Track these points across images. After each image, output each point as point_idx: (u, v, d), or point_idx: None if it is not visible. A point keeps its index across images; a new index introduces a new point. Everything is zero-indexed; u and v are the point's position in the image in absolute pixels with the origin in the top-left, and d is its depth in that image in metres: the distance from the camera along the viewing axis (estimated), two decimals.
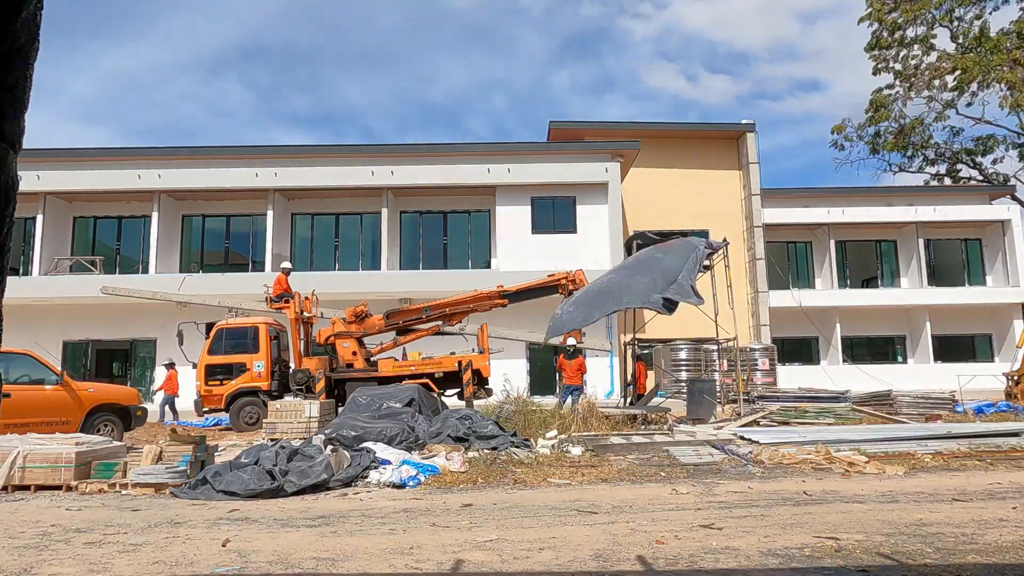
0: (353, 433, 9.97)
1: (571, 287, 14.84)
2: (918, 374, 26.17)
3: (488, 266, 24.77)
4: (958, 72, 27.74)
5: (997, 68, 26.71)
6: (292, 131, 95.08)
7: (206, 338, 17.16)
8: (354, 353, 16.05)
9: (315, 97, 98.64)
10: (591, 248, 23.68)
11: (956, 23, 28.80)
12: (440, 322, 16.37)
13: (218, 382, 16.22)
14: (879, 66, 29.94)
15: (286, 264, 18.32)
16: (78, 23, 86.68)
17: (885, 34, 29.35)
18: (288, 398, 14.75)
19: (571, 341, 15.42)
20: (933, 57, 29.07)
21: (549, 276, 15.74)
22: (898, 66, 29.77)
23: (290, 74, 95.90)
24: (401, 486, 7.84)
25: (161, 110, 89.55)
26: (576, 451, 10.26)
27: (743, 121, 27.89)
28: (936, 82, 28.71)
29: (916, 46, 29.30)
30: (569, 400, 14.52)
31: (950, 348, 28.72)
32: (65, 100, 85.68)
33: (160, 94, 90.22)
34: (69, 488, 7.89)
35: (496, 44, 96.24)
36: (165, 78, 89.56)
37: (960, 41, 28.80)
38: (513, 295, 15.80)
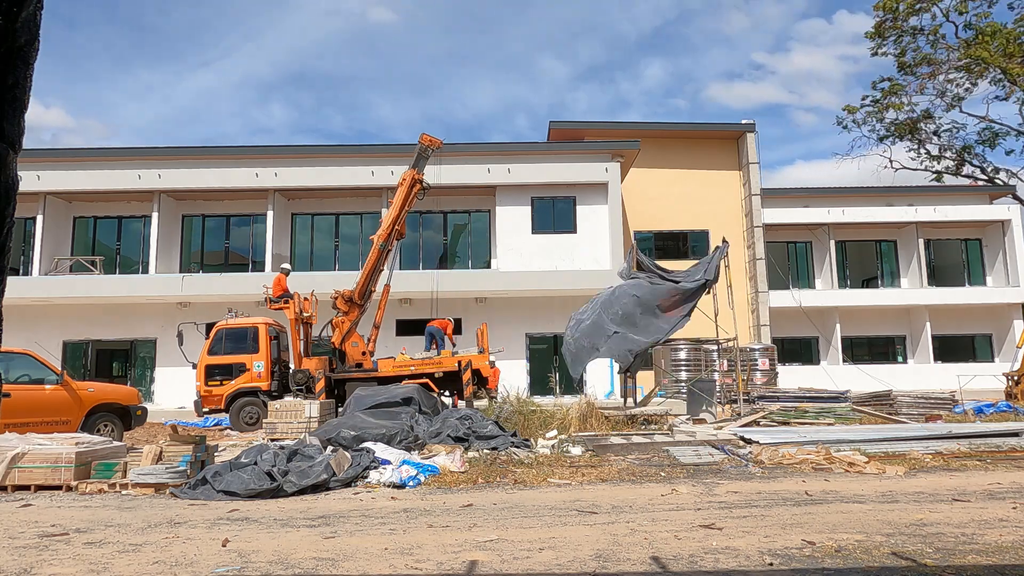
0: (353, 433, 9.97)
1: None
2: (918, 374, 26.16)
3: (488, 266, 24.76)
4: (967, 62, 27.56)
5: (1004, 60, 26.54)
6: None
7: (206, 338, 17.17)
8: (364, 353, 16.19)
9: (351, 116, 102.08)
10: (591, 248, 23.66)
11: (963, 15, 28.64)
12: (397, 242, 17.44)
13: (218, 382, 16.22)
14: (879, 51, 29.74)
15: (286, 265, 18.36)
16: (140, 54, 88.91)
17: (889, 23, 29.16)
18: (288, 398, 14.77)
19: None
20: (938, 51, 28.96)
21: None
22: (896, 50, 29.64)
23: (332, 95, 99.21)
24: (401, 486, 7.84)
25: (204, 127, 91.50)
26: (576, 451, 10.27)
27: (743, 121, 27.88)
28: (953, 75, 28.55)
29: (921, 37, 29.17)
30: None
31: (950, 348, 28.71)
32: (119, 118, 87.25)
33: (208, 114, 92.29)
34: (69, 488, 7.89)
35: (521, 70, 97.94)
36: (217, 99, 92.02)
37: (967, 36, 28.68)
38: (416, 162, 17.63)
